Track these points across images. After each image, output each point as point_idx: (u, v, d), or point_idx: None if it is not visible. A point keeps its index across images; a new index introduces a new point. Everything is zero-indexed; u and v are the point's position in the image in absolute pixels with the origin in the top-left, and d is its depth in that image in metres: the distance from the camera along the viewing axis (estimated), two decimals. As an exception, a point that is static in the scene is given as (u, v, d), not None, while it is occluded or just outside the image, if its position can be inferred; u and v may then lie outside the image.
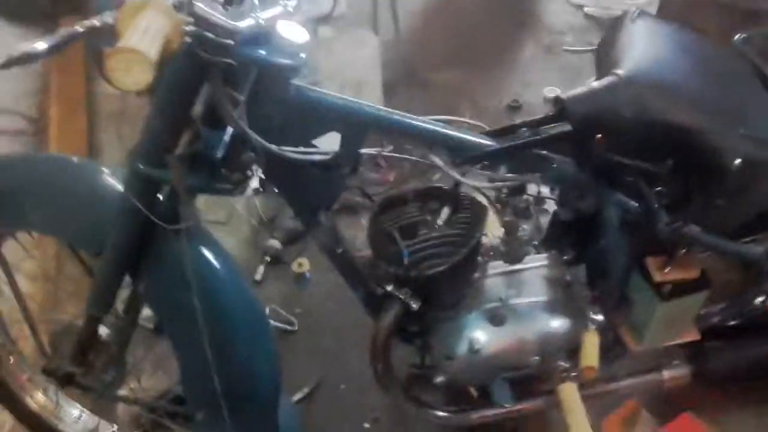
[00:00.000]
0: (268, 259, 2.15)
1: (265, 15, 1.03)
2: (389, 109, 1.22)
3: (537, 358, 1.42)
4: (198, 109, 1.06)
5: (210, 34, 0.93)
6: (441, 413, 1.49)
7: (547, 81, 2.74)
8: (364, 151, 1.22)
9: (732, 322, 1.54)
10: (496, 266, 1.45)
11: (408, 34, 3.04)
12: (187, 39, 0.92)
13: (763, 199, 1.28)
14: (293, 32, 1.05)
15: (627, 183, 1.30)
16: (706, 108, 1.22)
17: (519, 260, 1.43)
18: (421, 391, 1.49)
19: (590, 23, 3.18)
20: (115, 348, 1.36)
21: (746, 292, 1.48)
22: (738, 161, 1.13)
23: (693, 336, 1.51)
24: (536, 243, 1.46)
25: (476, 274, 1.42)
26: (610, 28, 1.40)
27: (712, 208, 1.27)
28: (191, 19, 0.91)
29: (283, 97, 1.11)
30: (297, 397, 1.81)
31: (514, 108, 2.70)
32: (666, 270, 1.38)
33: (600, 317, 1.34)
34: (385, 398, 1.58)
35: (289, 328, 1.99)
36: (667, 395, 1.63)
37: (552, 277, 1.45)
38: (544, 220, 1.47)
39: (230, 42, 0.95)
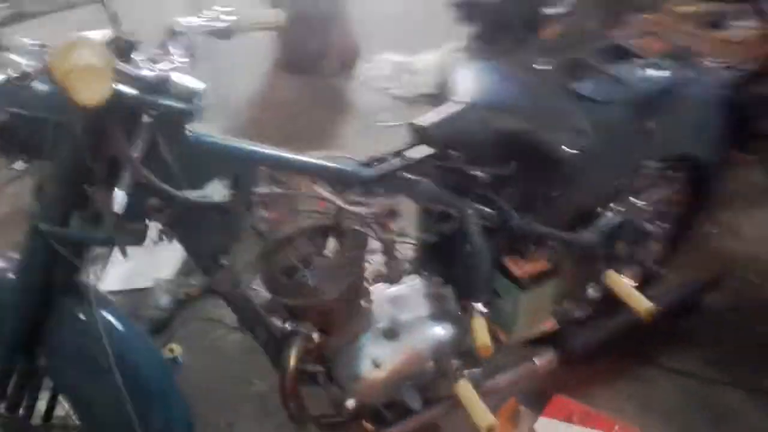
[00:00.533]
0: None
1: (159, 67, 1.15)
2: (277, 148, 1.36)
3: (431, 362, 1.57)
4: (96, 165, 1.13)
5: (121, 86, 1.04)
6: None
7: (367, 151, 3.03)
8: (257, 190, 1.33)
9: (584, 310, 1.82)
10: (380, 290, 1.60)
11: (246, 121, 3.24)
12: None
13: (589, 187, 1.58)
14: (188, 81, 1.17)
15: (480, 194, 1.54)
16: (535, 117, 1.50)
17: (399, 279, 1.59)
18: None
19: (396, 102, 3.57)
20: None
21: (587, 278, 1.76)
22: (568, 151, 1.42)
23: (552, 325, 1.76)
24: (410, 263, 1.64)
25: (364, 298, 1.56)
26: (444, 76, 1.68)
27: (551, 201, 1.55)
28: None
29: (180, 141, 1.21)
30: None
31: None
32: (522, 265, 1.63)
33: (483, 309, 1.52)
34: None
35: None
36: (539, 384, 1.85)
37: (428, 293, 1.63)
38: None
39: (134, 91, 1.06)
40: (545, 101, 1.59)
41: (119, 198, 1.14)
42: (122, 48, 1.15)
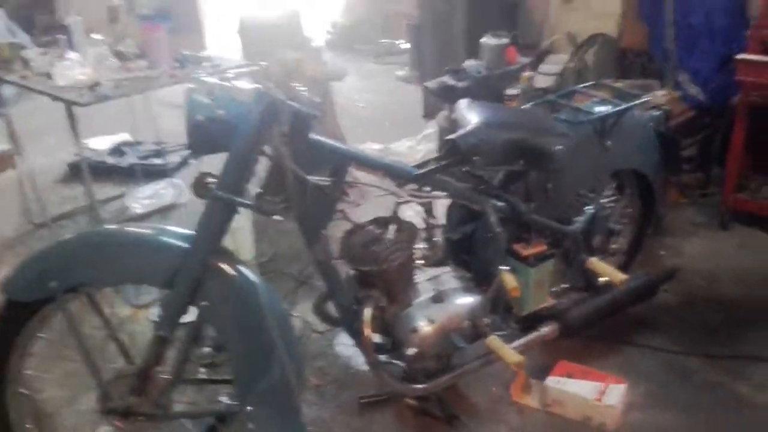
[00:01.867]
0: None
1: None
2: (360, 149, 1.88)
3: (468, 322, 2.03)
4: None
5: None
6: (422, 385, 1.99)
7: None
8: (346, 180, 1.85)
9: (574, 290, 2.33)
10: (422, 275, 2.08)
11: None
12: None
13: (571, 184, 2.15)
14: (309, 95, 1.70)
15: (494, 193, 2.08)
16: (531, 129, 2.07)
17: (438, 262, 2.09)
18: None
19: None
20: (176, 371, 1.69)
21: (574, 263, 2.29)
22: (558, 147, 1.99)
23: (551, 302, 2.25)
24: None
25: (415, 275, 2.04)
26: (448, 113, 2.26)
27: (546, 193, 2.10)
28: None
29: (304, 138, 1.71)
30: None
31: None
32: (527, 248, 2.14)
33: (506, 268, 2.02)
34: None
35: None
36: (544, 354, 2.31)
37: (457, 276, 2.12)
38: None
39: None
40: (535, 120, 2.18)
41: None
42: None
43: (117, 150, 4.51)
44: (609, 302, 2.36)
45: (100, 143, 4.65)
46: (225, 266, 1.67)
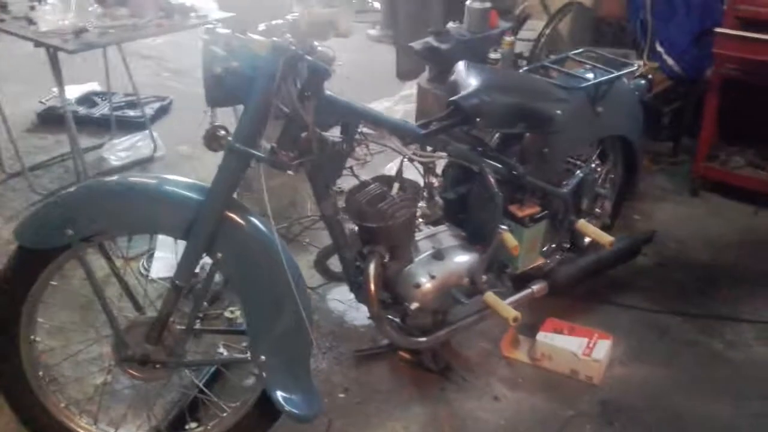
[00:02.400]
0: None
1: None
2: (369, 107, 1.91)
3: (467, 279, 2.10)
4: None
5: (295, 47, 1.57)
6: (423, 338, 2.07)
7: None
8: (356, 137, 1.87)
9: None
10: (421, 233, 2.14)
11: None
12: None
13: (565, 147, 2.23)
14: (327, 50, 1.71)
15: (492, 154, 2.14)
16: (532, 93, 2.13)
17: (438, 221, 2.14)
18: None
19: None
20: (190, 319, 1.72)
21: (563, 224, 2.38)
22: (557, 111, 2.05)
23: (541, 261, 2.34)
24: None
25: (416, 232, 2.09)
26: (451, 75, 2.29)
27: (542, 156, 2.17)
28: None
29: (319, 94, 1.73)
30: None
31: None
32: (522, 209, 2.22)
33: (506, 227, 2.09)
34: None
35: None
36: (534, 311, 2.41)
37: (455, 234, 2.19)
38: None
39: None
40: (534, 85, 2.23)
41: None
42: None
43: (87, 100, 4.40)
44: (594, 262, 2.47)
45: (68, 92, 4.51)
46: (239, 218, 1.69)
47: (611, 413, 2.14)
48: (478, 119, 2.02)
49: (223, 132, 1.73)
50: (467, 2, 3.66)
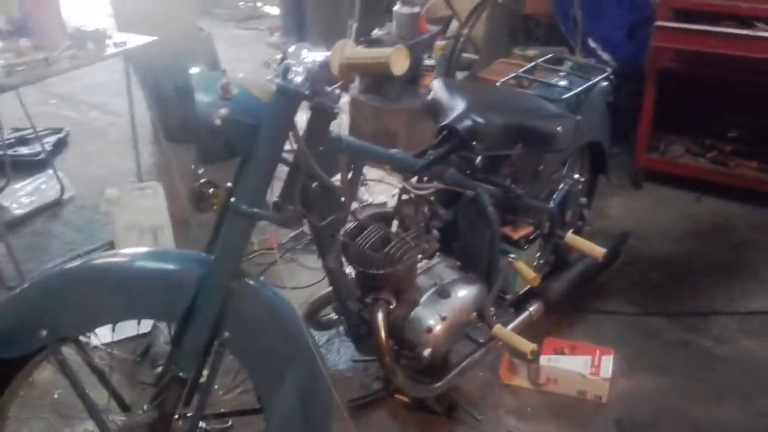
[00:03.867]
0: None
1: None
2: (371, 144, 1.72)
3: (474, 314, 1.96)
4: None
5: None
6: (438, 383, 1.91)
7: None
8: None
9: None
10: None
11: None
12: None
13: (554, 162, 2.12)
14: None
15: (486, 177, 2.00)
16: (527, 111, 2.01)
17: (433, 254, 1.98)
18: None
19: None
20: (198, 410, 1.47)
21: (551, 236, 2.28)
22: (559, 129, 1.94)
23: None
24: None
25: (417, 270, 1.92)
26: (428, 92, 2.13)
27: (537, 174, 2.05)
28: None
29: (327, 137, 1.52)
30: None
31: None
32: (516, 231, 2.10)
33: (513, 255, 1.96)
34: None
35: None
36: (530, 332, 2.30)
37: (450, 265, 2.04)
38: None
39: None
40: (523, 101, 2.12)
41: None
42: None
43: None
44: (582, 274, 2.40)
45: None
46: (247, 289, 1.46)
47: (628, 432, 2.07)
48: (474, 143, 1.88)
49: (212, 189, 1.49)
50: (395, 7, 3.51)
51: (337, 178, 1.61)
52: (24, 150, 3.81)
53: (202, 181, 1.51)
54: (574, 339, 2.35)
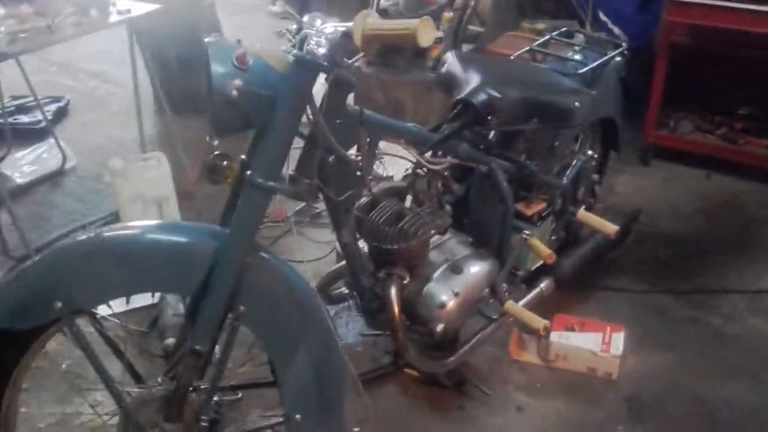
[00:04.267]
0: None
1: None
2: (388, 118, 1.68)
3: (487, 289, 1.95)
4: None
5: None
6: (451, 358, 1.90)
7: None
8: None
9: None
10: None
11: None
12: None
13: (569, 137, 2.10)
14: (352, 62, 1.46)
15: (501, 153, 1.97)
16: (544, 85, 1.97)
17: (446, 229, 1.95)
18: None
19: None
20: (213, 384, 1.45)
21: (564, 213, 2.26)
22: (577, 104, 1.90)
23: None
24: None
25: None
26: (441, 65, 2.09)
27: (552, 150, 2.02)
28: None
29: (344, 110, 1.49)
30: None
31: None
32: (529, 207, 2.08)
33: (528, 231, 1.94)
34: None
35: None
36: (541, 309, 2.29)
37: (462, 241, 2.02)
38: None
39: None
40: (540, 75, 2.08)
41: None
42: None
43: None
44: (593, 251, 2.39)
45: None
46: (262, 262, 1.43)
47: (638, 410, 2.07)
48: (490, 117, 1.85)
49: (226, 162, 1.46)
50: (403, -22, 3.44)
51: (353, 152, 1.58)
52: (24, 118, 3.76)
53: (216, 153, 1.48)
54: (583, 316, 2.34)
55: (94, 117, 4.04)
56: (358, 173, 1.59)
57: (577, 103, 1.91)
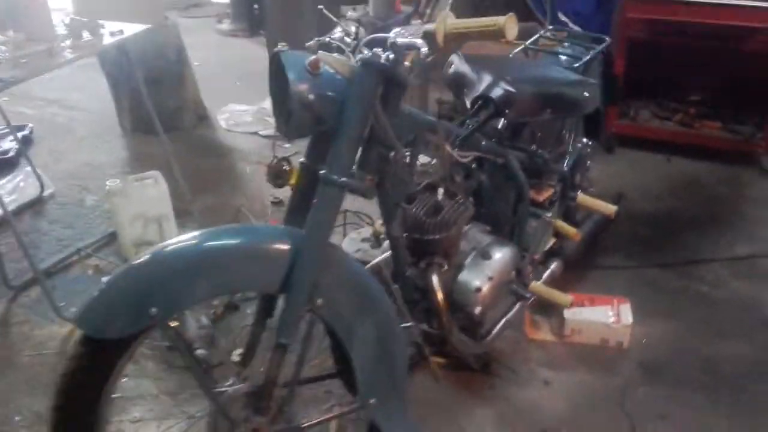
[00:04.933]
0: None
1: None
2: (424, 114, 1.79)
3: (513, 272, 2.08)
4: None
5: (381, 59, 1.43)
6: (488, 339, 2.02)
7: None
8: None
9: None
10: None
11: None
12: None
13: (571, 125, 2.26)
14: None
15: (510, 143, 2.11)
16: (553, 79, 2.13)
17: (470, 219, 2.08)
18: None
19: (269, 141, 3.93)
20: (294, 376, 1.52)
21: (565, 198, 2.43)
22: (585, 94, 2.07)
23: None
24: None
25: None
26: (447, 67, 2.21)
27: (560, 138, 2.18)
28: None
29: (399, 108, 1.59)
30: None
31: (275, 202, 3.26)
32: (540, 193, 2.23)
33: (549, 215, 2.09)
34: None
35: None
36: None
37: (482, 229, 2.14)
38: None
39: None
40: (547, 69, 2.23)
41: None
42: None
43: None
44: (591, 232, 2.55)
45: None
46: (334, 256, 1.52)
47: (653, 373, 2.24)
48: (507, 111, 1.98)
49: (287, 166, 1.55)
50: (372, -12, 3.57)
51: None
52: (-10, 148, 3.67)
53: (279, 157, 1.56)
54: (585, 293, 2.51)
55: (62, 143, 3.98)
56: (410, 168, 1.70)
57: (585, 93, 2.07)
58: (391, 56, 1.42)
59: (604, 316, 2.33)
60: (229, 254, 1.43)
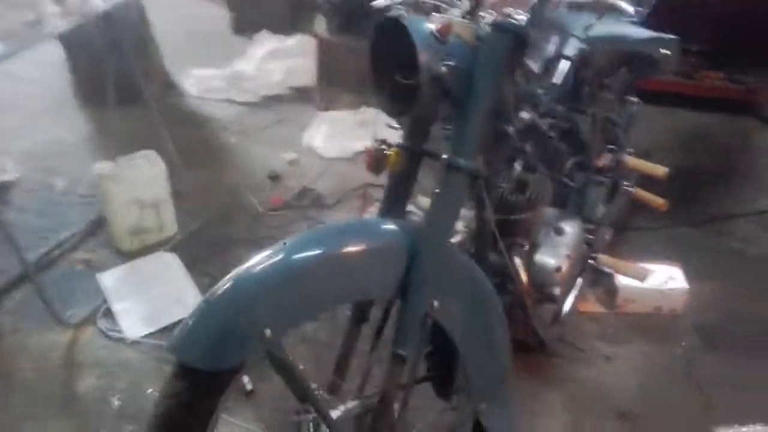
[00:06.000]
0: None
1: None
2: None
3: (584, 246, 1.95)
4: None
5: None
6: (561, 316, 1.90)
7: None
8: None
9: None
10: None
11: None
12: None
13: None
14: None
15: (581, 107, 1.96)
16: (626, 37, 1.96)
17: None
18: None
19: (245, 107, 3.65)
20: (410, 384, 1.35)
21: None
22: (664, 51, 1.92)
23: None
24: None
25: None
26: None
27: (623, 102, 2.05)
28: None
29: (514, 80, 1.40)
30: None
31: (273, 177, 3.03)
32: (599, 159, 2.09)
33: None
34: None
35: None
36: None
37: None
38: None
39: None
40: (620, 27, 2.05)
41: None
42: None
43: None
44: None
45: None
46: (449, 252, 1.34)
47: (711, 338, 2.18)
48: (583, 71, 1.82)
49: (387, 150, 1.35)
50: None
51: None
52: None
53: (380, 141, 1.35)
54: (622, 258, 2.40)
55: (13, 121, 3.55)
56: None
57: (665, 51, 1.93)
58: (525, 16, 1.23)
59: (658, 283, 2.24)
60: (344, 258, 1.22)
